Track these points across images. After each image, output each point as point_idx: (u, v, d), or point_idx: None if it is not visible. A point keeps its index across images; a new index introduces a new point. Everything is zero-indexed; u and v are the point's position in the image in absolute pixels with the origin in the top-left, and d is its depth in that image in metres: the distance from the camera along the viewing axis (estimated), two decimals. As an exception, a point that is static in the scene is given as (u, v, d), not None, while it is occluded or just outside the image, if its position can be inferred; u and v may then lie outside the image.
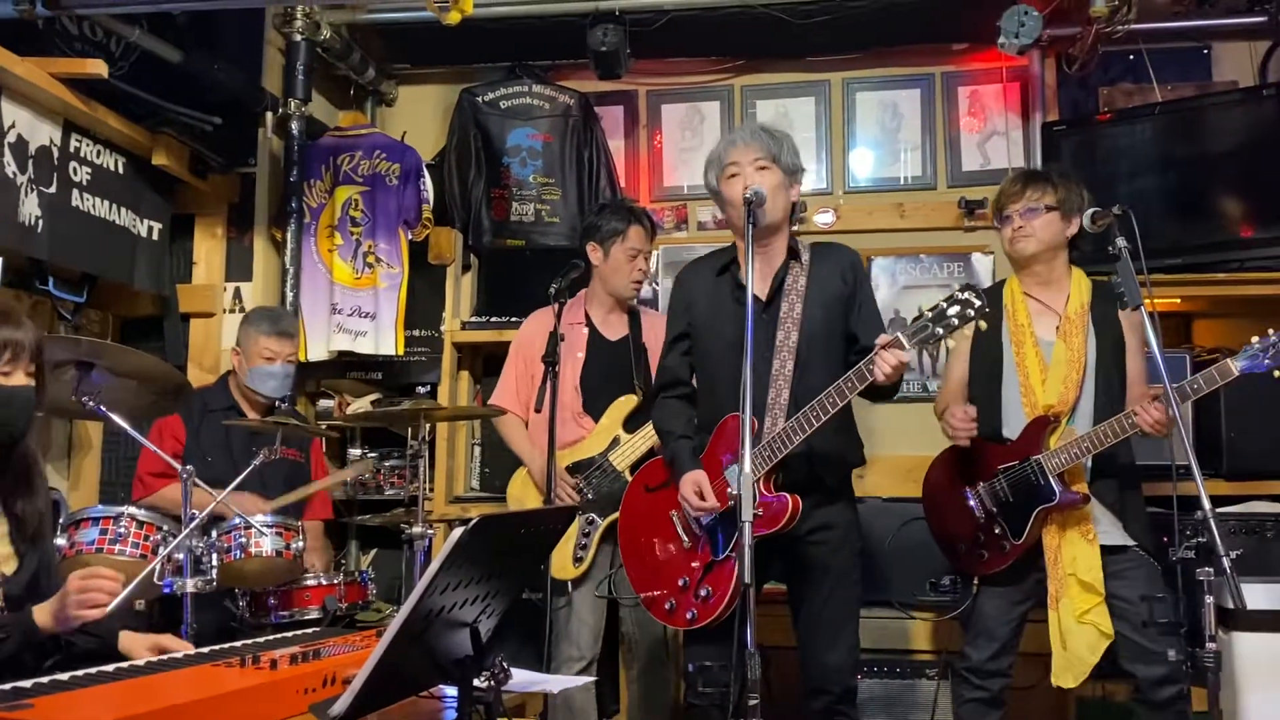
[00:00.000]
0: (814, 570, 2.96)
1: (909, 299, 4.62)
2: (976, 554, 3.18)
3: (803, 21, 4.38)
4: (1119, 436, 2.96)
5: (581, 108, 4.85)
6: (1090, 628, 3.00)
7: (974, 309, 2.53)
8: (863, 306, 3.03)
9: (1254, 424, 3.75)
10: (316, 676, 1.84)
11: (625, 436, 3.62)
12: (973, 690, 3.17)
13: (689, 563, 2.97)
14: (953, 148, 4.76)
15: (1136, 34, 4.28)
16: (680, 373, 3.13)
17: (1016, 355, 3.18)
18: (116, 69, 3.75)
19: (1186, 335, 4.48)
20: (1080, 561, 3.01)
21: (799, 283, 2.99)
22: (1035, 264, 3.22)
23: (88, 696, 1.68)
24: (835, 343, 2.98)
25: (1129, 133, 4.28)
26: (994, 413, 3.19)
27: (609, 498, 3.54)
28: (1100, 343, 3.16)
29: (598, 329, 3.74)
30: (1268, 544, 3.79)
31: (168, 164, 4.12)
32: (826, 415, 2.74)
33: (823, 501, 2.94)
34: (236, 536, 3.26)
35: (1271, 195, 4.05)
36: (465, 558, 1.63)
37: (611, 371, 3.68)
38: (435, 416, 3.71)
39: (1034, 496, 3.05)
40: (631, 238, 3.67)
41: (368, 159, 4.66)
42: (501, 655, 1.79)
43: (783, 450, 2.80)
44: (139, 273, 4.20)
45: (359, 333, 4.60)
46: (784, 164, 2.97)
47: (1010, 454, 3.12)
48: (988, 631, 3.16)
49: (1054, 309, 3.21)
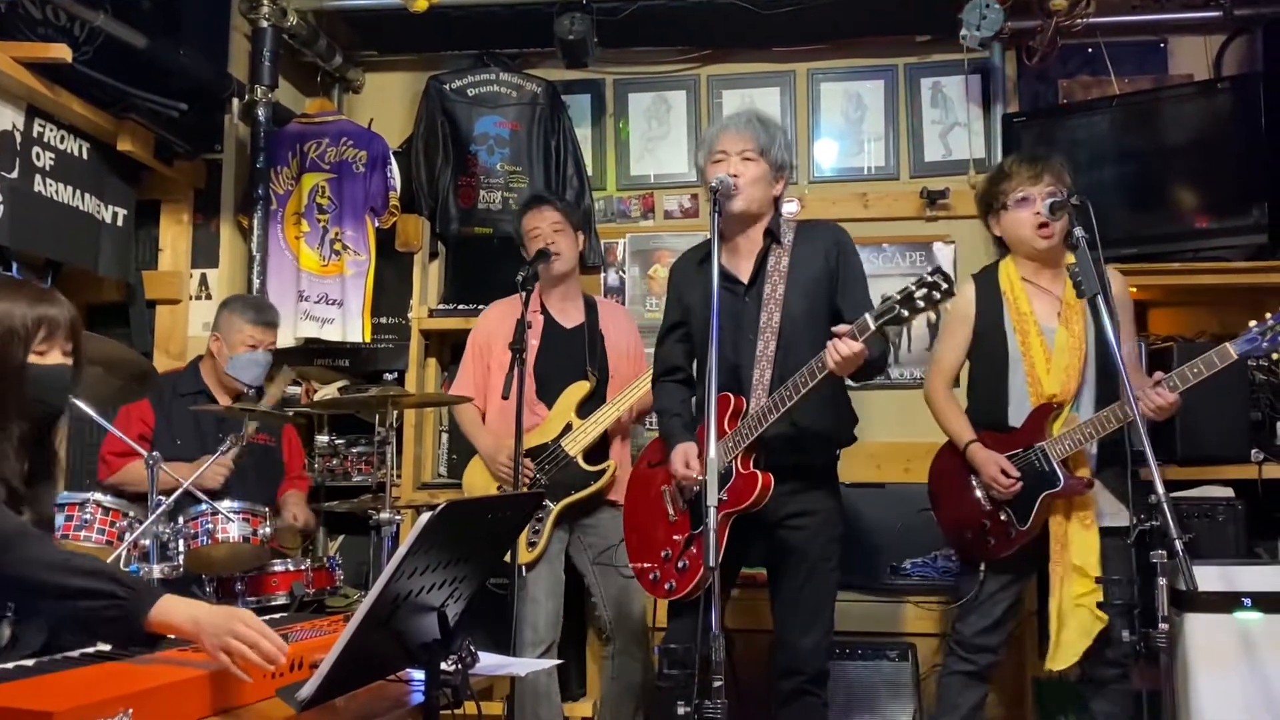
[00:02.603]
0: (792, 555, 3.01)
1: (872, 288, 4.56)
2: (984, 540, 3.21)
3: (768, 12, 4.41)
4: (1122, 422, 3.00)
5: (549, 96, 4.85)
6: (1085, 610, 3.06)
7: (940, 291, 2.57)
8: (846, 283, 3.07)
9: (1207, 411, 3.79)
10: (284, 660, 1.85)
11: (578, 422, 3.66)
12: (959, 662, 3.22)
13: (672, 535, 3.06)
14: (915, 138, 4.81)
15: (1095, 27, 4.34)
16: (675, 359, 3.21)
17: (1021, 344, 3.20)
18: (80, 54, 3.71)
19: (1142, 323, 4.55)
20: (1078, 547, 3.07)
21: (781, 264, 3.04)
22: (1042, 252, 3.24)
23: (52, 682, 1.68)
24: (819, 322, 3.00)
25: (1087, 124, 4.35)
26: (1000, 402, 3.23)
27: (561, 483, 3.60)
28: (1099, 328, 3.19)
29: (553, 317, 3.80)
30: (1219, 527, 3.88)
31: (133, 150, 4.09)
32: (797, 395, 2.79)
33: (804, 487, 2.99)
34: (203, 522, 3.27)
35: (1225, 187, 4.13)
36: (432, 542, 1.66)
37: (565, 359, 3.73)
38: (403, 403, 3.73)
39: (1039, 483, 3.09)
40: (525, 224, 3.81)
41: (334, 146, 4.65)
42: (469, 639, 1.82)
43: (758, 429, 2.86)
44: (103, 259, 4.17)
45: (326, 320, 4.60)
46: (772, 158, 3.03)
47: (1014, 441, 3.16)
48: (980, 609, 3.20)
49: (1054, 293, 3.23)
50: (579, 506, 3.65)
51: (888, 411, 3.57)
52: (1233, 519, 3.88)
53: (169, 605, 1.82)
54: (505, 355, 3.47)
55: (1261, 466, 3.93)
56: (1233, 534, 3.87)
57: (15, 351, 2.02)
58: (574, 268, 3.85)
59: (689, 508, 3.02)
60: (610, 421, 3.66)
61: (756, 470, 2.88)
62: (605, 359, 3.76)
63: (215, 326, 3.82)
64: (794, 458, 2.95)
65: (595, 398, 3.70)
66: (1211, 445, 3.96)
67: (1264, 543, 4.00)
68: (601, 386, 3.73)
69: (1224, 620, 3.48)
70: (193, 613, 1.81)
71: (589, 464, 3.64)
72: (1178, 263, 4.15)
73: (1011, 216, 3.26)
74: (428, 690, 1.78)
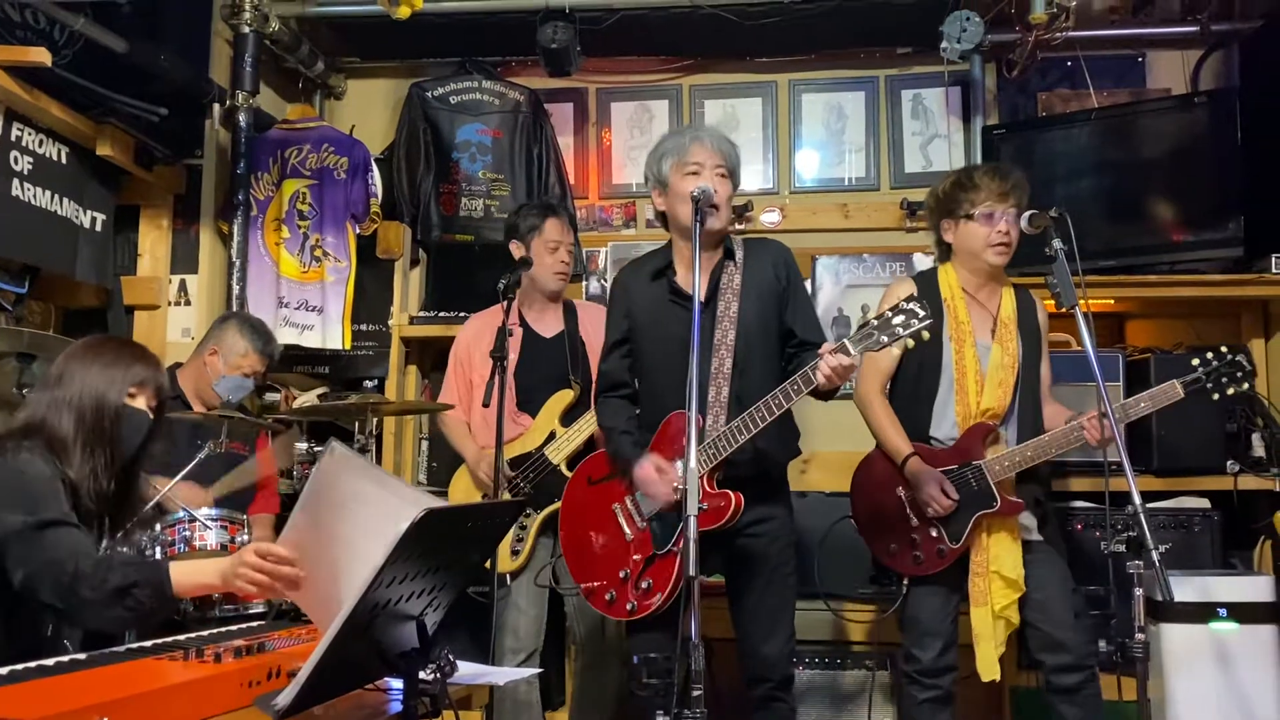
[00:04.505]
0: (752, 562, 3.01)
1: (852, 298, 4.70)
2: (911, 556, 3.17)
3: (751, 23, 4.43)
4: (1064, 448, 3.01)
5: (531, 104, 4.86)
6: (1003, 621, 3.08)
7: (918, 319, 2.58)
8: (797, 301, 3.07)
9: (1183, 423, 3.83)
10: (261, 669, 1.84)
11: (561, 431, 3.64)
12: (924, 690, 3.15)
13: (630, 555, 3.01)
14: (895, 150, 4.84)
15: (1074, 41, 4.38)
16: (620, 376, 3.16)
17: (956, 355, 3.17)
18: (60, 57, 3.68)
19: (1120, 335, 4.59)
20: (1005, 559, 3.06)
21: (735, 281, 3.03)
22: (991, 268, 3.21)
23: (27, 691, 1.66)
24: (772, 339, 3.02)
25: (1066, 137, 4.38)
26: (924, 412, 3.20)
27: (546, 491, 3.57)
28: (1026, 348, 3.19)
29: (531, 327, 3.76)
30: (1195, 538, 3.92)
31: (112, 154, 4.06)
32: (772, 417, 2.78)
33: (761, 495, 2.98)
34: (180, 530, 3.24)
35: (1201, 200, 4.17)
36: (412, 551, 1.65)
37: (546, 368, 3.70)
38: (383, 411, 3.71)
39: (974, 502, 3.07)
40: (548, 230, 3.71)
41: (316, 152, 4.64)
42: (448, 648, 1.81)
43: (726, 449, 2.85)
44: (81, 264, 4.15)
45: (306, 326, 4.58)
46: (737, 179, 3.06)
47: (950, 458, 3.13)
48: (932, 630, 3.16)
49: (989, 310, 3.22)
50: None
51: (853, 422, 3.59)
52: (1208, 530, 3.93)
53: (184, 570, 2.21)
54: (485, 366, 3.45)
55: (1237, 478, 3.97)
56: (1208, 545, 3.91)
57: (116, 393, 2.45)
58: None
59: (648, 525, 2.99)
60: (594, 428, 3.65)
61: (726, 490, 2.87)
62: (587, 365, 3.74)
63: (216, 340, 3.76)
64: (753, 470, 2.95)
65: (580, 405, 3.68)
66: (1188, 457, 3.99)
67: (1239, 553, 4.04)
68: (585, 394, 3.71)
69: (1199, 630, 3.52)
70: (215, 569, 2.15)
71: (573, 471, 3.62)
72: (1155, 275, 4.18)
73: (971, 229, 3.19)
74: (406, 699, 1.77)
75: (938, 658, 3.15)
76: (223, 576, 2.11)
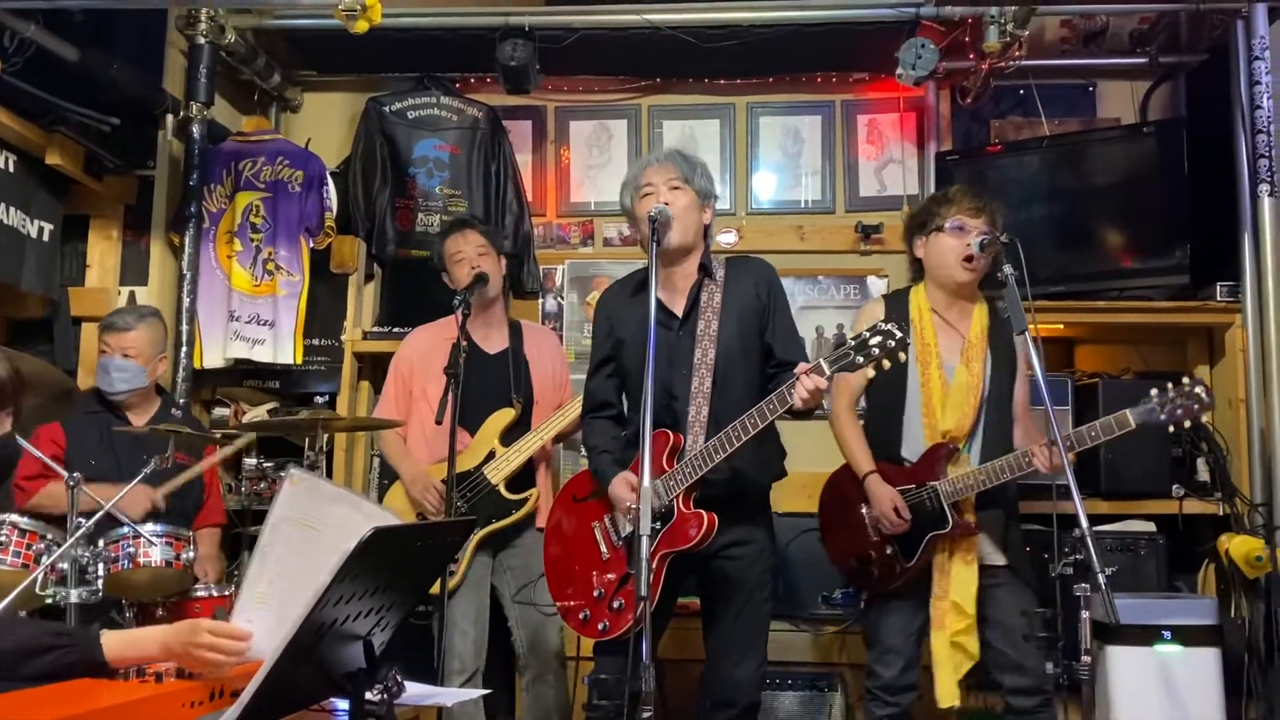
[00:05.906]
0: (728, 585, 2.99)
1: (807, 319, 4.72)
2: (868, 571, 3.22)
3: (710, 45, 4.45)
4: (1014, 474, 3.03)
5: (490, 121, 4.85)
6: (959, 650, 3.10)
7: (894, 341, 2.59)
8: (778, 320, 3.06)
9: (1130, 447, 3.84)
10: (204, 690, 1.81)
11: (501, 450, 3.62)
12: (884, 708, 3.17)
13: (605, 574, 3.00)
14: (851, 174, 4.89)
15: (1027, 70, 4.47)
16: (605, 395, 3.17)
17: (921, 375, 3.19)
18: (9, 64, 3.63)
19: (1069, 360, 4.65)
20: (956, 584, 3.09)
21: (714, 299, 3.03)
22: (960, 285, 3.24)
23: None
24: (752, 358, 3.02)
25: (1018, 164, 4.45)
26: (894, 431, 3.23)
27: (482, 511, 3.56)
28: (995, 370, 3.21)
29: (476, 344, 3.72)
30: (1141, 561, 3.97)
31: (61, 163, 4.01)
32: (747, 436, 2.78)
33: (739, 517, 2.96)
34: (125, 546, 3.19)
35: (1149, 228, 4.24)
36: (360, 570, 1.63)
37: (488, 385, 3.67)
38: (333, 426, 3.68)
39: (928, 523, 3.10)
40: (448, 248, 3.78)
41: (270, 165, 4.60)
42: (395, 668, 1.79)
43: (702, 468, 2.83)
44: (27, 274, 4.08)
45: (256, 340, 4.52)
46: (696, 186, 3.04)
47: (908, 477, 3.15)
48: (895, 648, 3.18)
49: (959, 330, 3.24)
50: (500, 533, 3.61)
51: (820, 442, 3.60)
52: (1154, 553, 3.98)
53: (119, 640, 1.92)
54: (430, 381, 3.42)
55: (1182, 502, 4.03)
56: (1154, 568, 3.96)
57: None
58: (500, 293, 3.82)
59: (624, 545, 2.98)
60: (534, 449, 3.63)
61: (701, 510, 2.85)
62: (530, 385, 3.72)
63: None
64: (731, 491, 2.93)
65: (520, 425, 3.66)
66: (1134, 481, 4.05)
67: (1184, 576, 4.10)
68: (526, 414, 3.69)
69: (1145, 652, 3.56)
70: (157, 640, 1.90)
71: (511, 492, 3.59)
72: (1103, 301, 4.24)
73: (942, 241, 3.21)
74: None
75: (899, 676, 3.17)
76: (165, 649, 1.89)
